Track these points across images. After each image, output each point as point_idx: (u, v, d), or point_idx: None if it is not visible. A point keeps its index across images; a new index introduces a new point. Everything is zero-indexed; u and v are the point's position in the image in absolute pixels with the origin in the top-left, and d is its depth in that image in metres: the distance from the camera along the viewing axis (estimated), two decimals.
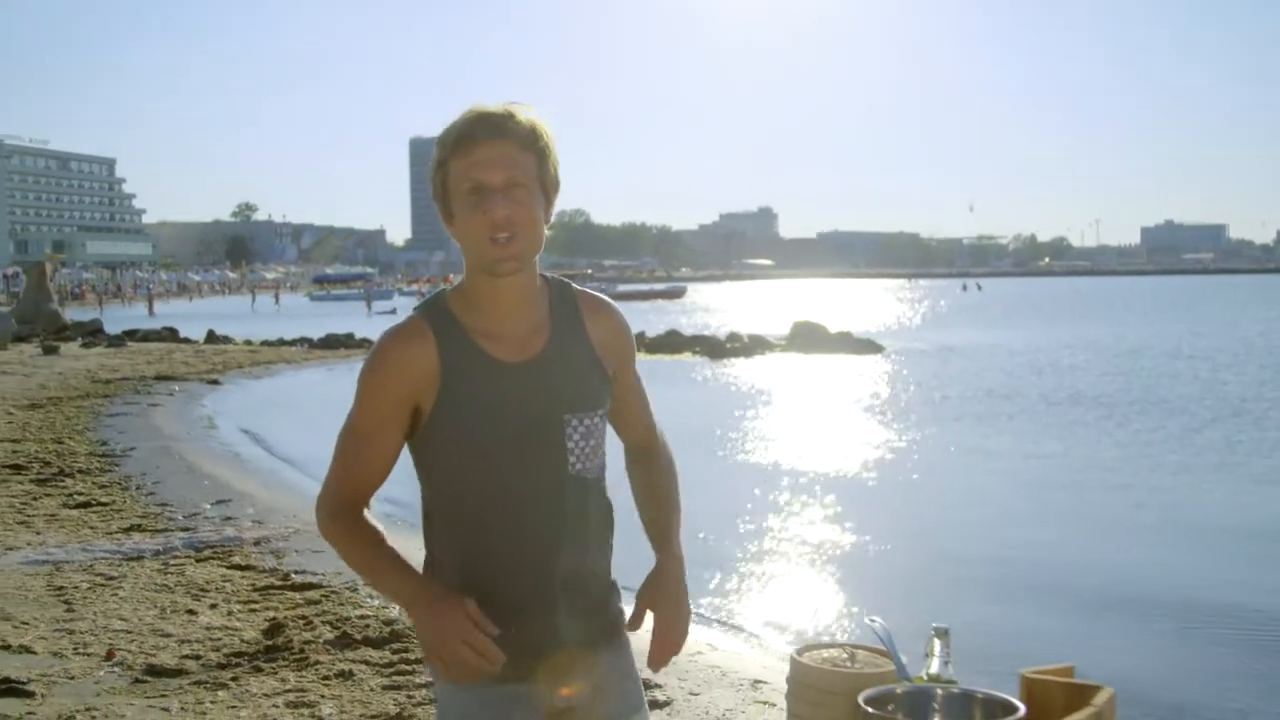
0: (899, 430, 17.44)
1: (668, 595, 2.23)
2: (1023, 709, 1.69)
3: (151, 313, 57.41)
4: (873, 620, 2.02)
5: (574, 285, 2.27)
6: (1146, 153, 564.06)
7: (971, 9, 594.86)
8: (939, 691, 1.78)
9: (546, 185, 2.12)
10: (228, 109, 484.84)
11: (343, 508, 2.19)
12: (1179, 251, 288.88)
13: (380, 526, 2.20)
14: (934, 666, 1.94)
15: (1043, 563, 9.62)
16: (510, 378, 2.12)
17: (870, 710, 1.67)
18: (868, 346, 32.99)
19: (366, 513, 2.21)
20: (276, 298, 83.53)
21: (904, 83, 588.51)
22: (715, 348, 32.86)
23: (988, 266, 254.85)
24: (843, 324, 36.47)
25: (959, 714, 1.74)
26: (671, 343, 33.78)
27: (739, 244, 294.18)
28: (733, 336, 34.54)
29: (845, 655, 2.13)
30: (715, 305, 75.69)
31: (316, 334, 35.15)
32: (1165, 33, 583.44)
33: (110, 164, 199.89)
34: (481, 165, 2.04)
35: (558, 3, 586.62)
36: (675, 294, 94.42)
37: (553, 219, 2.19)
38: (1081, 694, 1.73)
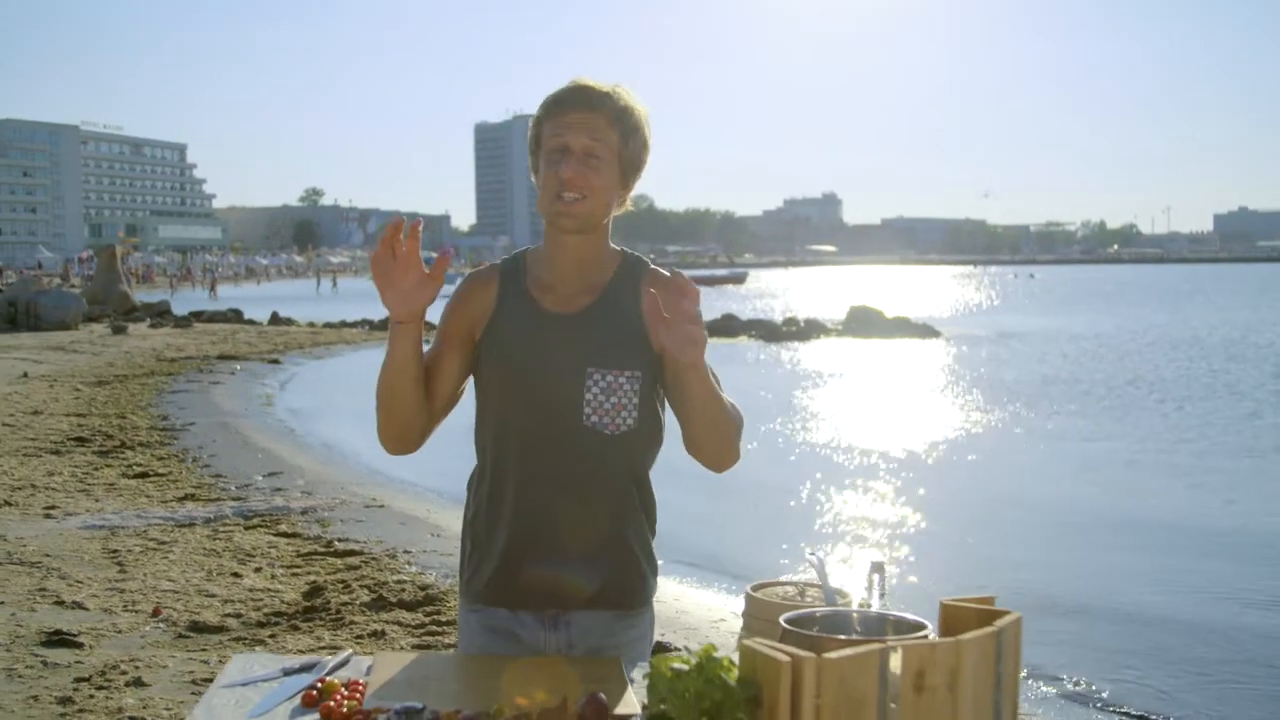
0: (947, 411, 17.42)
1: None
2: (930, 626, 1.82)
3: (214, 296, 58.24)
4: (812, 554, 2.16)
5: (650, 264, 2.41)
6: (1219, 137, 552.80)
7: None
8: (855, 615, 1.91)
9: (625, 163, 2.31)
10: (296, 95, 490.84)
11: None
12: (1253, 239, 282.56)
13: None
14: (872, 599, 2.07)
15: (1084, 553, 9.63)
16: (549, 325, 2.31)
17: (788, 628, 1.81)
18: (925, 331, 32.85)
19: None
20: (334, 281, 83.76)
21: (972, 67, 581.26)
22: (771, 331, 32.92)
23: (1055, 254, 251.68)
24: (902, 309, 36.34)
25: (873, 633, 1.87)
26: (728, 326, 33.87)
27: (803, 230, 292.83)
28: (789, 321, 34.60)
29: (796, 592, 2.26)
30: (777, 291, 75.54)
31: (377, 316, 35.61)
32: (1239, 13, 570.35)
33: (181, 149, 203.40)
34: (567, 129, 2.26)
35: None
36: (737, 279, 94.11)
37: (630, 198, 2.38)
38: (991, 619, 1.85)
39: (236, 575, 6.89)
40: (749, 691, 1.59)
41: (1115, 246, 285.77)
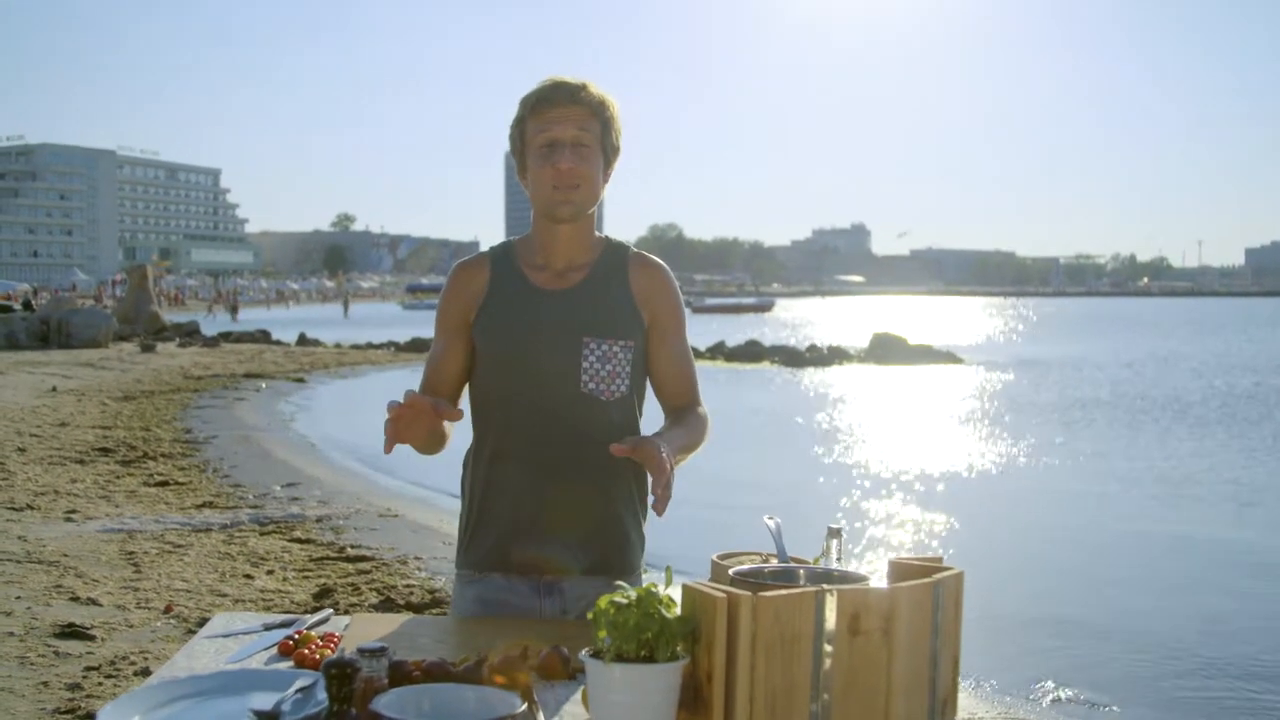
0: (953, 429, 17.41)
1: (649, 439, 2.21)
2: (870, 577, 1.90)
3: (235, 319, 58.37)
4: (770, 519, 2.23)
5: (632, 248, 2.54)
6: (1251, 170, 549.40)
7: (1069, 27, 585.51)
8: (802, 571, 2.00)
9: (608, 149, 2.43)
10: (328, 122, 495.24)
11: None
12: None
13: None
14: (829, 563, 2.15)
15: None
16: (542, 300, 2.43)
17: (736, 578, 1.89)
18: (946, 358, 32.85)
19: None
20: (345, 307, 79.42)
21: (1001, 99, 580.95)
22: (793, 357, 32.99)
23: (1084, 286, 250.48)
24: (926, 338, 36.35)
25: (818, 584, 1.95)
26: (751, 352, 33.97)
27: (831, 260, 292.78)
28: (812, 347, 34.66)
29: (761, 560, 2.34)
30: (802, 319, 75.51)
31: (403, 338, 35.90)
32: (1272, 47, 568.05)
33: (215, 174, 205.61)
34: (555, 124, 2.37)
35: (655, 20, 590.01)
36: (764, 308, 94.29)
37: (612, 178, 2.51)
38: (933, 574, 1.93)
39: (249, 577, 7.00)
40: (686, 627, 1.67)
41: (1145, 279, 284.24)
